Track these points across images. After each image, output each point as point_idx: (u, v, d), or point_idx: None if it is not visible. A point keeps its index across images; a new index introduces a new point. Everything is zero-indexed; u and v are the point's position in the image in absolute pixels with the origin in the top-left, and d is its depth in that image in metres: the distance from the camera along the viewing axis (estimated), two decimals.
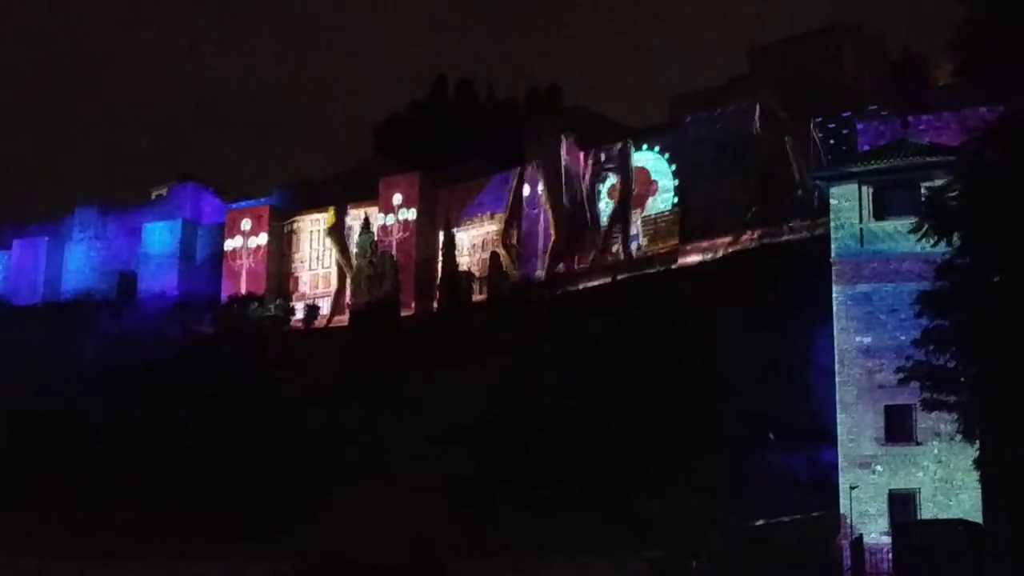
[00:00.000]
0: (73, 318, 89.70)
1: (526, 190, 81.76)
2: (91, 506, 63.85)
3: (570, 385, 60.45)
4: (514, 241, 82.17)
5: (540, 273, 78.72)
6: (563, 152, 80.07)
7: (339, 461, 60.03)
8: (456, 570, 44.79)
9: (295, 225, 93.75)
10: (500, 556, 46.62)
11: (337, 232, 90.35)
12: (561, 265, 78.22)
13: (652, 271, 71.99)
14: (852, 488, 37.77)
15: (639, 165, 77.46)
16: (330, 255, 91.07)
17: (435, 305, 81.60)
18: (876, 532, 36.94)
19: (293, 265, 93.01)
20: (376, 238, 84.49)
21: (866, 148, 57.94)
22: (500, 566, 46.15)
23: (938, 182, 31.36)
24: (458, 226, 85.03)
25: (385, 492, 51.68)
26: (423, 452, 58.55)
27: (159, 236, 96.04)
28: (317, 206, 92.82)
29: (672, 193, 74.99)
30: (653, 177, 76.49)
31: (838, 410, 38.89)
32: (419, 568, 44.00)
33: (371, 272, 78.69)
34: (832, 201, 40.71)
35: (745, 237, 69.22)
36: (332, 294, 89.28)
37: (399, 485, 53.82)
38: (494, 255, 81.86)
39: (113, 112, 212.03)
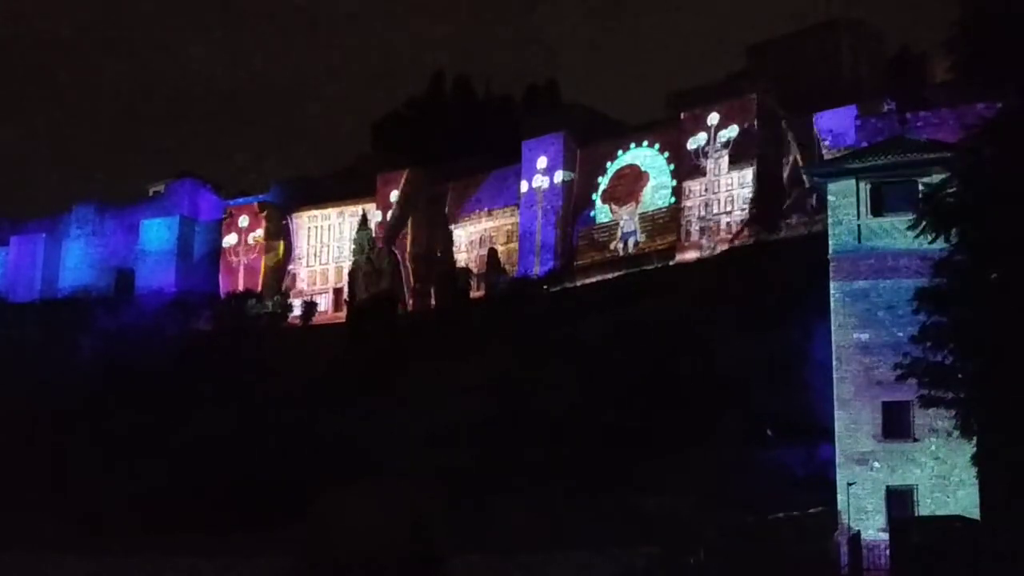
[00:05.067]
0: (71, 315, 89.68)
1: (523, 187, 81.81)
2: (88, 503, 63.74)
3: (568, 382, 60.46)
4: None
5: (537, 270, 78.79)
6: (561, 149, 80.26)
7: (337, 458, 60.01)
8: (455, 566, 44.85)
9: (293, 222, 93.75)
10: (499, 553, 46.64)
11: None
12: (559, 262, 78.27)
13: (650, 268, 72.02)
14: (849, 485, 37.80)
15: (635, 163, 77.50)
16: (328, 252, 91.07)
17: (433, 302, 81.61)
18: (873, 528, 36.98)
19: (291, 262, 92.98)
20: (373, 234, 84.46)
21: (864, 144, 58.06)
22: (499, 563, 46.18)
23: (935, 179, 31.40)
24: (456, 223, 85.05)
25: (383, 488, 51.74)
26: (421, 448, 58.56)
27: (157, 233, 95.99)
28: (315, 203, 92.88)
29: (669, 190, 74.97)
30: (652, 174, 76.47)
31: (836, 407, 38.92)
32: (417, 564, 44.05)
33: (369, 269, 78.68)
34: (830, 198, 40.74)
35: (743, 234, 69.27)
36: (331, 290, 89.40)
37: (397, 481, 53.88)
38: (492, 251, 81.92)
39: (110, 109, 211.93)
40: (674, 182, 74.67)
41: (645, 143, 77.25)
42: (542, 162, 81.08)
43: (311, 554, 46.91)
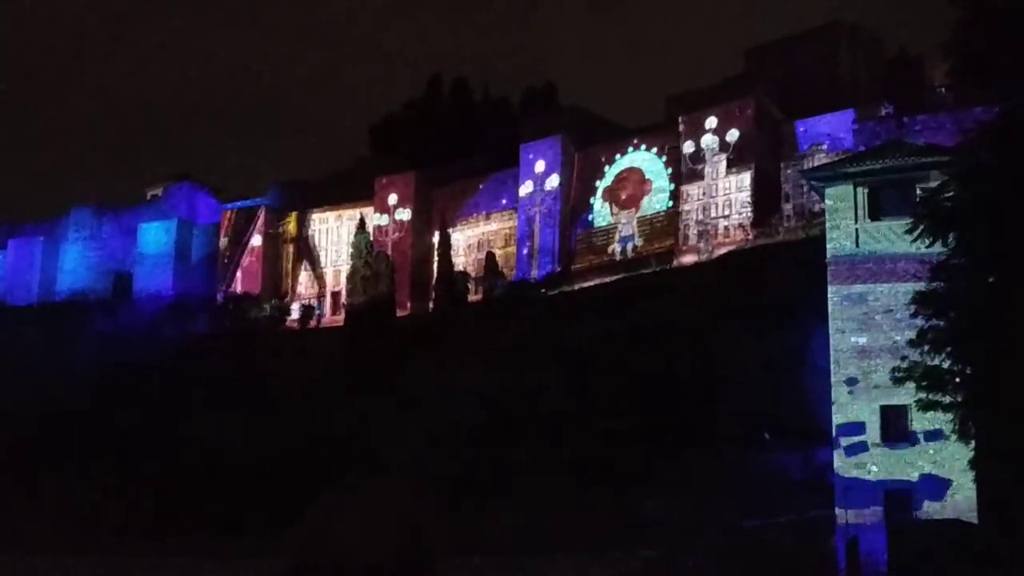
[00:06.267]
0: (68, 318, 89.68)
1: (521, 190, 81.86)
2: (86, 505, 63.80)
3: (566, 385, 60.49)
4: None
5: (535, 273, 78.82)
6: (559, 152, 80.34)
7: (335, 461, 60.04)
8: (452, 569, 44.80)
9: (290, 225, 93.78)
10: (496, 555, 46.65)
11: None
12: (557, 265, 78.31)
13: (648, 271, 72.06)
14: (847, 488, 37.82)
15: (634, 165, 77.57)
16: (326, 255, 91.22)
17: (431, 305, 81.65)
18: (871, 532, 36.97)
19: (289, 265, 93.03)
20: (371, 238, 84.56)
21: (862, 148, 58.13)
22: (496, 565, 46.18)
23: (933, 183, 31.37)
24: (454, 226, 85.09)
25: (381, 490, 51.71)
26: (419, 451, 58.59)
27: (154, 236, 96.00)
28: (313, 206, 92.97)
29: (667, 193, 75.05)
30: (649, 177, 76.56)
31: (833, 410, 38.94)
32: (409, 566, 43.98)
33: (367, 272, 78.66)
34: (827, 202, 40.74)
35: (741, 237, 69.33)
36: (329, 294, 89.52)
37: (395, 484, 53.87)
38: (490, 255, 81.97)
39: (108, 111, 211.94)
40: (672, 185, 74.77)
41: (643, 147, 77.31)
42: (540, 165, 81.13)
43: (305, 556, 46.80)
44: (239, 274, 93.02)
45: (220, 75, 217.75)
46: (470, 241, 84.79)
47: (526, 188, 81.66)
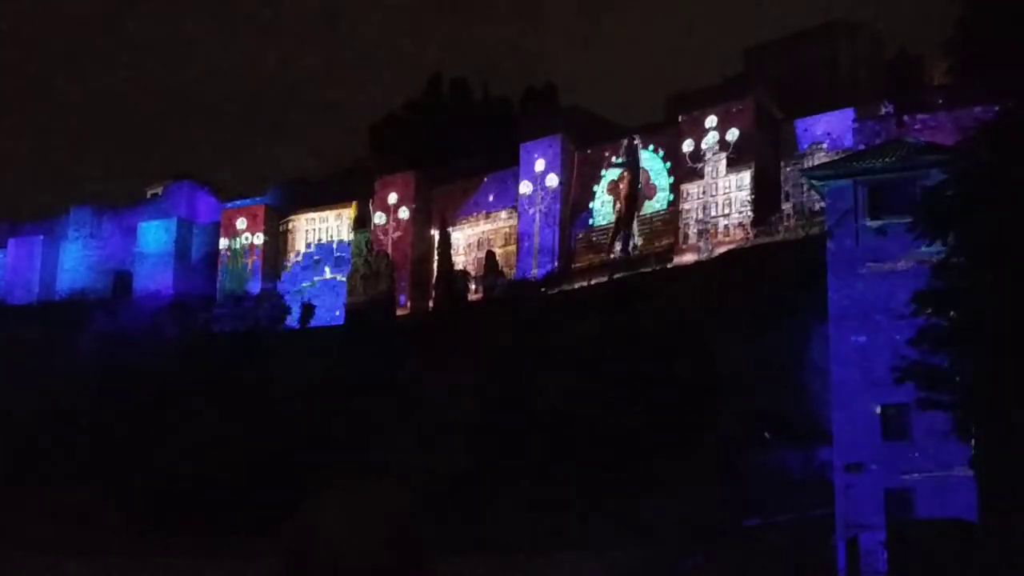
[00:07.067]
0: (68, 317, 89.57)
1: (521, 189, 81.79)
2: (85, 505, 63.78)
3: (566, 384, 60.44)
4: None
5: (535, 272, 78.75)
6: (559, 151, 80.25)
7: (335, 460, 59.97)
8: (451, 569, 44.75)
9: (291, 224, 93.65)
10: (496, 555, 46.63)
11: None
12: (556, 264, 78.26)
13: (648, 270, 71.98)
14: (848, 487, 37.78)
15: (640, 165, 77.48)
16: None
17: (431, 304, 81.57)
18: (871, 531, 36.94)
19: (289, 264, 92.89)
20: (371, 237, 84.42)
21: (861, 147, 58.12)
22: (495, 565, 46.16)
23: (933, 182, 31.36)
24: (453, 225, 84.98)
25: (376, 490, 51.74)
26: (419, 451, 58.56)
27: (154, 235, 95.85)
28: (313, 205, 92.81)
29: (667, 192, 75.00)
30: (650, 177, 76.50)
31: (833, 409, 38.90)
32: (406, 566, 44.04)
33: (367, 271, 78.55)
34: (827, 200, 40.75)
35: (741, 236, 69.26)
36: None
37: (391, 483, 53.81)
38: (490, 254, 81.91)
39: (108, 111, 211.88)
40: (672, 184, 74.71)
41: (651, 147, 77.23)
42: (540, 164, 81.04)
43: (299, 556, 46.85)
44: (239, 274, 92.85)
45: (220, 75, 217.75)
46: (470, 240, 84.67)
47: (526, 187, 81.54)
